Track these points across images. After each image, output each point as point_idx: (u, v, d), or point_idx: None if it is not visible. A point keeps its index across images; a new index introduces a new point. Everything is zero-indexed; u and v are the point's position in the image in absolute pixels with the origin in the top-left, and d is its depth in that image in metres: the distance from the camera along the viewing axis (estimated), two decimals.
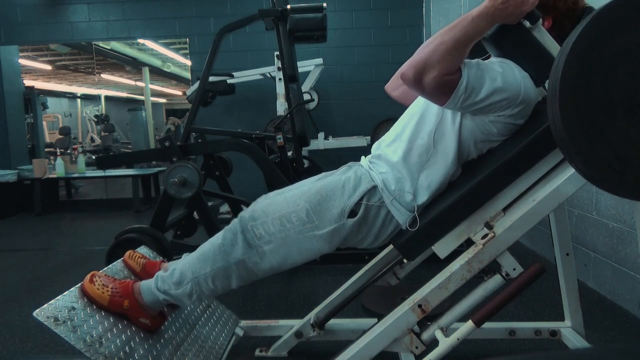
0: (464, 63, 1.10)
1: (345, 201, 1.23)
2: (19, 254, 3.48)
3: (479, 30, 1.09)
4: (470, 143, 1.22)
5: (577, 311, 1.61)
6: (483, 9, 1.08)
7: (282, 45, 2.75)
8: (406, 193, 1.24)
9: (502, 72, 1.12)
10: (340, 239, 1.25)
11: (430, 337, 1.24)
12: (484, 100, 1.11)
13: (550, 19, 1.22)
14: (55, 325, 1.20)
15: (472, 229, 1.21)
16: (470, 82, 1.09)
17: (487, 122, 1.18)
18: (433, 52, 1.07)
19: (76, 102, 9.43)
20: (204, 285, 1.31)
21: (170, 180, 2.57)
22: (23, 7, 5.13)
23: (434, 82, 1.07)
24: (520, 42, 1.15)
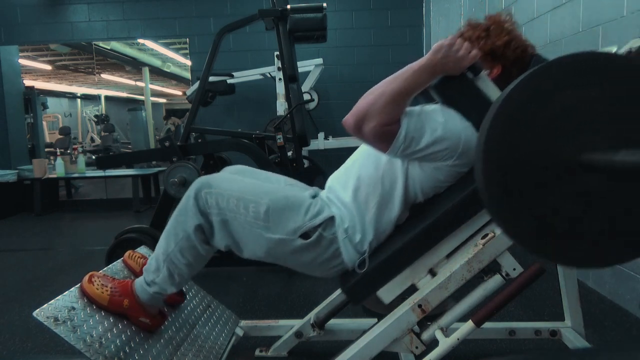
0: (405, 112, 1.12)
1: (304, 220, 1.23)
2: (19, 254, 3.48)
3: (419, 82, 1.12)
4: (417, 187, 1.24)
5: (577, 311, 1.61)
6: (424, 62, 1.11)
7: (282, 45, 2.75)
8: (356, 233, 1.26)
9: (444, 122, 1.14)
10: (280, 252, 1.25)
11: (430, 337, 1.24)
12: (424, 149, 1.13)
13: (499, 66, 1.24)
14: (55, 325, 1.20)
15: (416, 275, 1.23)
16: (410, 133, 1.11)
17: (432, 169, 1.20)
18: (373, 103, 1.10)
19: (76, 102, 9.43)
20: (177, 262, 1.29)
21: (170, 180, 2.57)
22: (23, 7, 5.13)
23: (372, 131, 1.11)
24: (463, 92, 1.16)
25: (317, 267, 1.28)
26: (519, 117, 0.87)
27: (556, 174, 0.87)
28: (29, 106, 5.87)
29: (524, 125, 0.87)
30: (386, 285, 1.23)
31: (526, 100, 0.87)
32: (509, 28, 1.24)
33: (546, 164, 0.87)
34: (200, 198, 1.25)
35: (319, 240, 1.23)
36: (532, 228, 0.90)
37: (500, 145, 0.88)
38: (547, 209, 0.89)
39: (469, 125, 1.15)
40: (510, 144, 0.88)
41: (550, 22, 2.70)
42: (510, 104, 0.88)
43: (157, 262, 1.32)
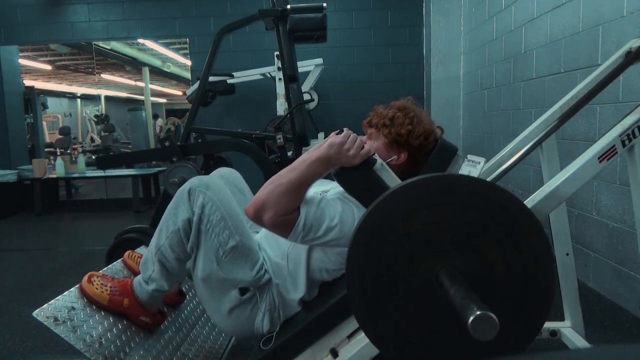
0: (305, 200, 1.15)
1: (251, 277, 1.27)
2: (19, 254, 3.48)
3: (315, 173, 1.14)
4: (322, 269, 1.28)
5: (577, 311, 1.61)
6: (320, 153, 1.14)
7: (282, 45, 2.75)
8: (275, 308, 1.30)
9: (341, 211, 1.17)
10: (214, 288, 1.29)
11: None
12: (322, 237, 1.16)
13: (405, 152, 1.27)
14: (55, 325, 1.20)
15: (317, 355, 1.24)
16: (309, 221, 1.14)
17: (335, 253, 1.24)
18: (270, 194, 1.12)
19: (76, 102, 9.43)
20: (167, 255, 1.30)
21: (170, 180, 2.57)
22: (23, 7, 5.13)
23: (270, 221, 1.13)
24: (361, 181, 1.18)
25: (228, 319, 1.31)
26: (378, 232, 0.93)
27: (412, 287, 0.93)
28: (29, 106, 5.87)
29: (382, 239, 0.93)
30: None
31: (385, 218, 0.93)
32: (412, 116, 1.27)
33: (404, 277, 0.93)
34: (193, 194, 1.27)
35: (250, 300, 1.28)
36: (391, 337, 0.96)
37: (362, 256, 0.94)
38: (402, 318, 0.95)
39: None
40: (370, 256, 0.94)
41: (550, 22, 2.70)
42: (371, 222, 0.94)
43: (151, 257, 1.33)
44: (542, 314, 0.96)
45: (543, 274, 0.93)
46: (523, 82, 3.10)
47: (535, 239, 0.91)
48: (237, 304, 1.28)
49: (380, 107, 1.33)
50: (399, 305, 0.94)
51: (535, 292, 0.94)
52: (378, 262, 0.94)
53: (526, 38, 3.04)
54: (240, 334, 1.38)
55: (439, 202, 0.92)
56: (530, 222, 0.91)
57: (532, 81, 2.97)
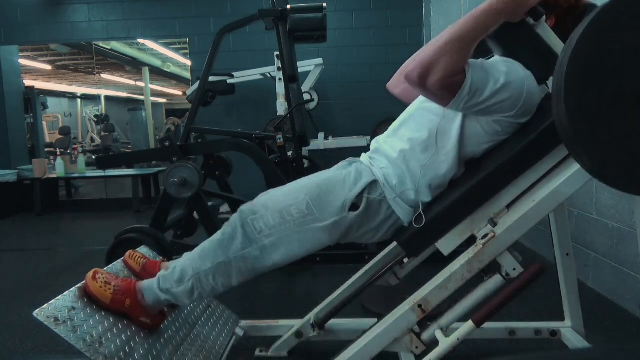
0: (468, 64, 1.09)
1: (346, 194, 1.23)
2: (19, 254, 3.48)
3: (484, 27, 1.08)
4: (474, 142, 1.21)
5: (577, 311, 1.61)
6: (487, 5, 1.08)
7: (282, 45, 2.75)
8: (408, 190, 1.24)
9: (506, 71, 1.11)
10: (340, 232, 1.25)
11: (430, 337, 1.24)
12: (486, 101, 1.10)
13: (553, 16, 1.21)
14: (55, 325, 1.20)
15: (475, 226, 1.21)
16: (475, 84, 1.08)
17: (490, 122, 1.17)
18: (438, 52, 1.05)
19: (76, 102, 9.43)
20: (204, 281, 1.30)
21: (170, 180, 2.57)
22: (23, 7, 5.13)
23: (438, 83, 1.06)
24: (524, 40, 1.14)
25: (380, 231, 1.27)
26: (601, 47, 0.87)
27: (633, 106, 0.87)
28: (29, 106, 5.87)
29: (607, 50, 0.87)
30: (445, 237, 1.22)
31: (607, 30, 0.87)
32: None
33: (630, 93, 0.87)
34: (247, 226, 1.26)
35: (369, 205, 1.23)
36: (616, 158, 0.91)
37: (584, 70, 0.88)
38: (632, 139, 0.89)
39: (530, 74, 1.13)
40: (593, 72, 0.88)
41: None
42: (592, 34, 0.87)
43: (183, 275, 1.31)
44: None
45: None
46: None
47: None
48: (363, 218, 1.23)
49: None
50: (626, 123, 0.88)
51: None
52: (600, 78, 0.87)
53: None
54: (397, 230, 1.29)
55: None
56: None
57: None
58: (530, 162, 1.17)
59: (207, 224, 2.71)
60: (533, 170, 1.18)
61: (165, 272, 1.36)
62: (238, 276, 1.30)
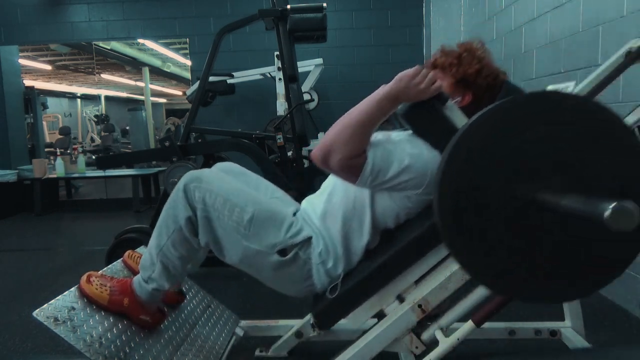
0: (370, 143, 1.12)
1: (284, 237, 1.24)
2: (19, 254, 3.48)
3: (383, 112, 1.11)
4: (387, 214, 1.24)
5: (577, 311, 1.61)
6: (387, 90, 1.10)
7: (282, 45, 2.75)
8: (330, 259, 1.27)
9: (411, 152, 1.14)
10: (254, 263, 1.27)
11: (430, 337, 1.24)
12: (391, 180, 1.13)
13: (471, 93, 1.24)
14: (55, 325, 1.20)
15: (384, 301, 1.24)
16: (377, 165, 1.11)
17: (402, 197, 1.20)
18: (337, 136, 1.10)
19: (76, 102, 9.44)
20: (170, 255, 1.29)
21: (170, 180, 2.57)
22: (23, 7, 5.13)
23: (339, 165, 1.10)
24: (430, 121, 1.15)
25: (287, 285, 1.31)
26: (477, 151, 0.89)
27: (511, 209, 0.88)
28: (29, 106, 5.88)
29: (481, 159, 0.89)
30: (354, 312, 1.24)
31: (482, 137, 0.89)
32: (481, 56, 1.25)
33: (502, 199, 0.88)
34: (189, 191, 1.26)
35: (295, 259, 1.25)
36: (489, 264, 0.92)
37: (458, 177, 0.90)
38: (501, 244, 0.90)
39: (437, 154, 1.14)
40: (467, 176, 0.89)
41: (550, 22, 2.70)
42: (468, 139, 0.89)
43: (151, 257, 1.32)
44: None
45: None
46: (523, 82, 3.10)
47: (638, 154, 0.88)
48: (283, 266, 1.25)
49: (445, 47, 1.28)
50: (498, 234, 0.90)
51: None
52: (474, 185, 0.89)
53: (526, 38, 3.04)
54: (307, 292, 1.32)
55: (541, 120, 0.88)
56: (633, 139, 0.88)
57: (532, 81, 2.97)
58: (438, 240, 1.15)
59: None
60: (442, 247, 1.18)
61: (141, 262, 1.37)
62: (195, 238, 1.29)
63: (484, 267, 0.92)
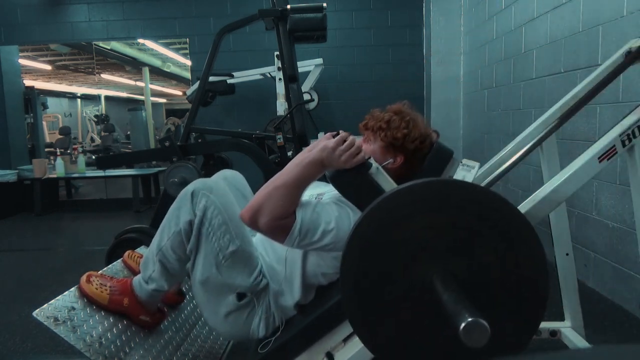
0: (300, 205, 1.15)
1: (249, 282, 1.27)
2: (19, 254, 3.48)
3: (309, 175, 1.14)
4: (317, 273, 1.27)
5: (577, 311, 1.61)
6: (313, 156, 1.12)
7: (282, 45, 2.75)
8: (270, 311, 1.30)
9: (338, 215, 1.17)
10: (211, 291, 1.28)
11: None
12: (319, 241, 1.15)
13: (402, 156, 1.26)
14: (55, 325, 1.20)
15: (313, 359, 1.24)
16: (305, 226, 1.13)
17: (331, 258, 1.23)
18: (266, 197, 1.12)
19: (76, 102, 9.44)
20: (168, 256, 1.30)
21: (170, 180, 2.57)
22: (23, 7, 5.13)
23: (267, 225, 1.12)
24: (355, 185, 1.17)
25: (226, 325, 1.31)
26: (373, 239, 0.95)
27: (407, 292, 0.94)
28: (29, 106, 5.87)
29: (377, 246, 0.94)
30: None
31: (379, 224, 0.95)
32: (408, 120, 1.26)
33: (399, 282, 0.94)
34: (196, 196, 1.27)
35: (247, 305, 1.28)
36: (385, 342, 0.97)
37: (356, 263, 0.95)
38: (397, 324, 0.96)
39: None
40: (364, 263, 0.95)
41: (550, 22, 2.70)
42: (365, 227, 0.95)
43: (152, 257, 1.33)
44: (538, 314, 0.97)
45: (537, 275, 0.94)
46: (523, 82, 3.10)
47: (529, 242, 0.93)
48: (234, 309, 1.28)
49: (376, 111, 1.33)
50: (394, 311, 0.95)
51: (530, 293, 0.95)
52: (372, 268, 0.94)
53: (526, 38, 3.04)
54: (236, 338, 1.38)
55: (433, 208, 0.94)
56: (523, 226, 0.93)
57: (532, 81, 2.97)
58: None
59: None
60: None
61: (142, 262, 1.38)
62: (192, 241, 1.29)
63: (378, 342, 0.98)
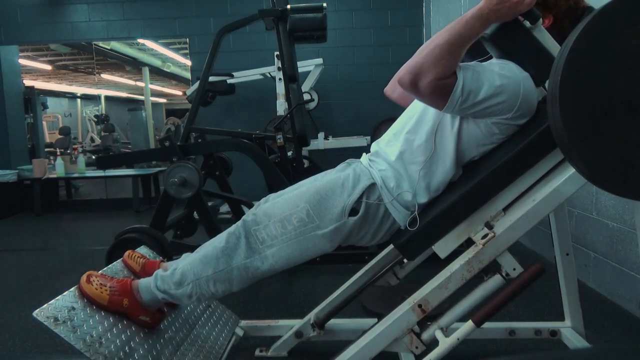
0: (459, 66, 1.09)
1: (345, 200, 1.23)
2: (19, 254, 3.48)
3: (473, 31, 1.08)
4: (472, 144, 1.21)
5: (577, 311, 1.61)
6: (477, 10, 1.08)
7: (282, 45, 2.75)
8: (405, 192, 1.24)
9: (501, 73, 1.11)
10: (341, 237, 1.25)
11: (430, 337, 1.24)
12: (482, 102, 1.10)
13: (551, 17, 1.21)
14: (55, 325, 1.20)
15: (472, 229, 1.21)
16: (467, 86, 1.08)
17: (488, 124, 1.17)
18: (428, 56, 1.06)
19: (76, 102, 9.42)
20: (204, 287, 1.30)
21: (170, 180, 2.57)
22: (23, 7, 5.13)
23: (429, 86, 1.07)
24: (520, 41, 1.14)
25: (378, 234, 1.28)
26: (595, 53, 0.87)
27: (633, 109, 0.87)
28: (29, 106, 5.87)
29: (601, 57, 0.87)
30: (442, 239, 1.22)
31: (601, 36, 0.87)
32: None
33: (623, 100, 0.87)
34: (250, 236, 1.27)
35: (367, 209, 1.23)
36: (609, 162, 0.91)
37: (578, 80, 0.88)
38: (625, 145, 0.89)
39: (527, 76, 1.13)
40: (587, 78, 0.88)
41: None
42: (586, 40, 0.87)
43: (183, 278, 1.31)
44: None
45: None
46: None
47: None
48: (362, 222, 1.23)
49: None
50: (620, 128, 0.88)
51: None
52: (594, 83, 0.87)
53: None
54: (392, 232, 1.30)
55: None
56: None
57: None
58: (528, 165, 1.17)
59: (207, 224, 2.71)
60: (531, 173, 1.18)
61: (164, 273, 1.36)
62: (238, 284, 1.30)
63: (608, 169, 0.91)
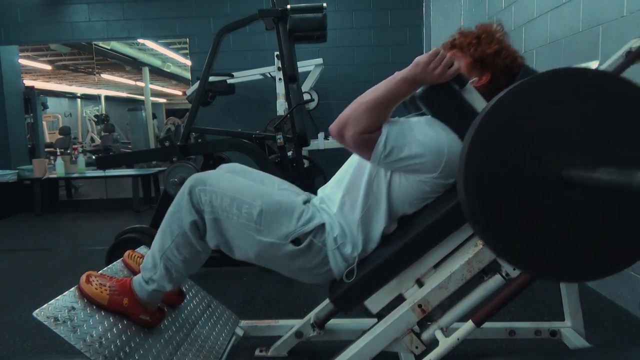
0: (388, 121, 1.13)
1: (296, 226, 1.24)
2: (19, 254, 3.48)
3: (401, 92, 1.13)
4: (404, 199, 1.24)
5: (577, 311, 1.61)
6: (406, 73, 1.12)
7: (282, 45, 2.75)
8: (347, 243, 1.27)
9: (427, 134, 1.14)
10: (270, 256, 1.26)
11: (430, 337, 1.24)
12: (405, 160, 1.13)
13: (488, 74, 1.24)
14: (55, 325, 1.20)
15: (403, 286, 1.24)
16: (390, 141, 1.12)
17: (418, 181, 1.20)
18: (355, 111, 1.12)
19: (76, 102, 9.43)
20: (173, 258, 1.30)
21: (170, 180, 2.57)
22: (23, 7, 5.13)
23: (352, 139, 1.13)
24: (448, 103, 1.15)
25: (305, 273, 1.30)
26: (500, 132, 0.88)
27: (538, 189, 0.88)
28: (29, 106, 5.87)
29: (505, 140, 0.88)
30: (373, 296, 1.25)
31: (508, 116, 0.88)
32: (500, 37, 1.24)
33: (528, 179, 0.88)
34: (194, 195, 1.26)
35: (310, 246, 1.25)
36: (514, 242, 0.91)
37: (482, 159, 0.89)
38: (529, 224, 0.90)
39: (455, 137, 1.14)
40: (491, 158, 0.89)
41: (550, 22, 2.70)
42: (492, 119, 0.89)
43: (154, 259, 1.32)
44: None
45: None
46: None
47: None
48: (298, 255, 1.25)
49: (464, 29, 1.29)
50: (526, 211, 0.88)
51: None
52: (499, 166, 0.88)
53: (526, 38, 3.04)
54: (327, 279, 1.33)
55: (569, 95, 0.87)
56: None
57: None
58: (456, 225, 1.18)
59: None
60: (461, 231, 1.19)
61: (143, 264, 1.37)
62: (199, 241, 1.30)
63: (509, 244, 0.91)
